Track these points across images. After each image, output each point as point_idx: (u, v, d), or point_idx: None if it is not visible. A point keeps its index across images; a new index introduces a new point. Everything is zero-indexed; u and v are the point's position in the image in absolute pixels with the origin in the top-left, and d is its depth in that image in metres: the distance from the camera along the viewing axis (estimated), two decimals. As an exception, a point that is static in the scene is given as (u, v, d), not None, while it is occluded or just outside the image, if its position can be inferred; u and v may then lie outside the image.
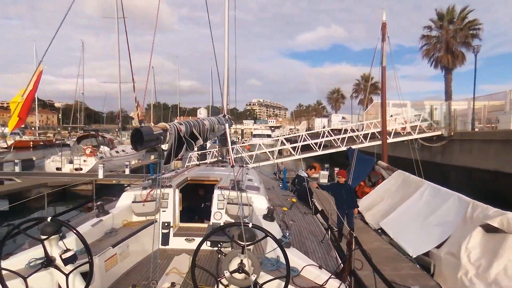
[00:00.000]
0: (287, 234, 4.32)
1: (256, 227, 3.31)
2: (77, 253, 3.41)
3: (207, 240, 3.35)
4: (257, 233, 3.36)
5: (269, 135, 48.90)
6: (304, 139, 21.42)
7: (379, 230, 8.45)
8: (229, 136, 4.92)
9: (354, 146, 17.81)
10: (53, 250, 3.23)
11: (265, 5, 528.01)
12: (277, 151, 22.10)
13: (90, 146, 20.46)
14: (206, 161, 18.52)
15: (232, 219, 5.41)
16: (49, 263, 3.18)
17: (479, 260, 5.69)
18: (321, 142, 21.22)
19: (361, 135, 20.31)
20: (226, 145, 10.56)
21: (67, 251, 3.23)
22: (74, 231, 3.27)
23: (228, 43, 11.10)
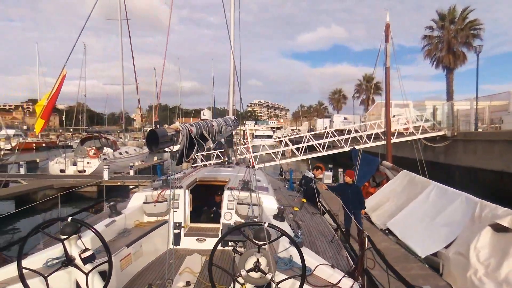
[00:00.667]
0: (299, 234, 4.35)
1: (272, 227, 3.35)
2: (95, 253, 3.45)
3: (223, 239, 3.39)
4: (271, 232, 3.40)
5: (270, 136, 48.91)
6: (308, 140, 21.45)
7: (386, 231, 8.47)
8: (248, 137, 4.95)
9: (358, 146, 17.88)
10: (72, 249, 3.28)
11: (266, 6, 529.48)
12: (281, 152, 22.13)
13: (94, 148, 20.53)
14: (210, 162, 18.57)
15: (242, 219, 5.45)
16: (69, 262, 3.23)
17: (489, 259, 5.71)
18: (324, 142, 21.25)
19: (365, 135, 20.35)
20: (232, 146, 10.62)
21: (86, 251, 3.28)
22: (93, 230, 3.32)
23: (233, 45, 11.14)
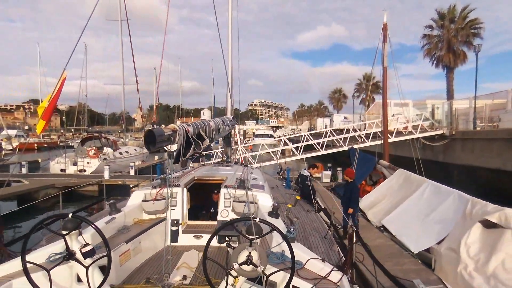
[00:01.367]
0: (292, 229, 4.51)
1: (263, 222, 3.49)
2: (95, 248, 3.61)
3: (217, 234, 3.54)
4: (263, 228, 3.55)
5: (271, 135, 48.99)
6: (307, 139, 21.59)
7: (381, 228, 8.62)
8: (238, 136, 5.12)
9: (356, 145, 18.01)
10: (73, 244, 3.43)
11: (266, 5, 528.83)
12: (280, 151, 22.26)
13: (94, 148, 20.71)
14: (210, 161, 18.72)
15: (238, 217, 5.61)
16: (70, 257, 3.38)
17: (478, 254, 5.85)
18: (323, 142, 21.39)
19: (363, 134, 20.47)
20: (230, 145, 10.77)
21: (86, 246, 3.43)
22: (94, 226, 3.48)
23: (232, 45, 11.28)
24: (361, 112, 29.65)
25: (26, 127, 66.85)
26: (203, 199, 7.31)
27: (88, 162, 19.44)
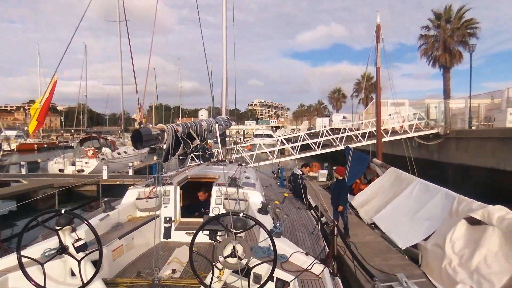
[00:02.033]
0: (278, 224, 4.69)
1: (247, 217, 3.66)
2: (87, 244, 3.78)
3: (204, 229, 3.72)
4: (250, 223, 3.72)
5: (270, 135, 49.18)
6: (304, 139, 21.77)
7: (372, 225, 8.80)
8: (219, 135, 5.31)
9: (352, 145, 18.19)
10: (66, 239, 3.59)
11: (266, 6, 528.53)
12: (279, 151, 22.43)
13: (92, 148, 20.83)
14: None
15: None
16: (63, 251, 3.54)
17: (463, 250, 6.03)
18: (320, 141, 21.55)
19: (359, 134, 20.66)
20: (225, 144, 10.95)
21: (78, 240, 3.60)
22: (85, 222, 3.65)
23: (226, 45, 11.44)
24: (359, 111, 29.75)
25: (26, 128, 67.02)
26: (197, 197, 7.48)
27: (86, 162, 19.57)
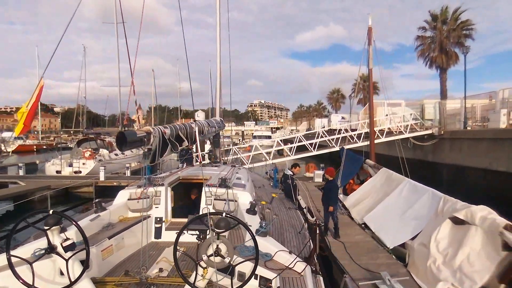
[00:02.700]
0: (263, 224, 4.83)
1: (231, 217, 3.78)
2: (77, 244, 3.89)
3: (188, 229, 3.84)
4: (232, 222, 3.83)
5: (269, 136, 49.28)
6: (300, 140, 21.91)
7: (362, 225, 8.92)
8: (198, 137, 5.43)
9: (347, 146, 18.33)
10: (55, 239, 3.71)
11: (265, 6, 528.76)
12: (276, 152, 22.53)
13: (90, 149, 20.90)
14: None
15: None
16: (51, 250, 3.66)
17: (447, 249, 6.16)
18: (316, 142, 21.69)
19: (354, 135, 20.79)
20: (219, 146, 11.08)
21: (67, 240, 3.73)
22: (73, 222, 3.78)
23: (220, 46, 11.54)
24: (356, 111, 29.92)
25: (27, 131, 67.05)
26: (189, 197, 7.61)
27: (83, 164, 19.66)
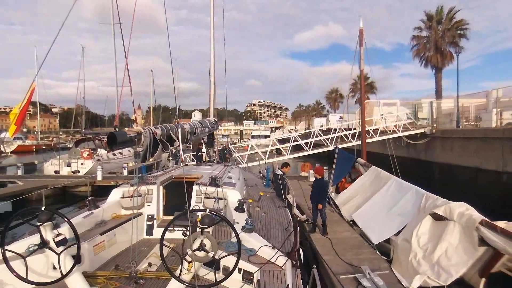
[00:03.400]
0: (249, 221, 5.09)
1: (215, 214, 4.02)
2: (69, 240, 4.12)
3: (174, 225, 4.08)
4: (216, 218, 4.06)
5: (268, 136, 49.54)
6: (295, 140, 22.18)
7: (351, 222, 9.20)
8: (180, 138, 5.65)
9: (341, 145, 18.60)
10: (48, 235, 3.92)
11: (264, 6, 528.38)
12: (274, 151, 22.76)
13: (88, 149, 21.16)
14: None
15: None
16: (44, 245, 3.88)
17: (427, 244, 6.45)
18: (311, 141, 21.96)
19: (349, 134, 21.06)
20: (212, 145, 11.33)
21: (59, 235, 3.96)
22: (65, 218, 4.02)
23: (214, 46, 11.73)
24: (353, 111, 30.22)
25: (25, 130, 67.25)
26: (181, 196, 7.85)
27: (81, 163, 19.91)
